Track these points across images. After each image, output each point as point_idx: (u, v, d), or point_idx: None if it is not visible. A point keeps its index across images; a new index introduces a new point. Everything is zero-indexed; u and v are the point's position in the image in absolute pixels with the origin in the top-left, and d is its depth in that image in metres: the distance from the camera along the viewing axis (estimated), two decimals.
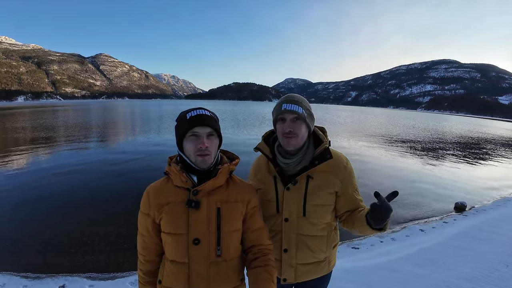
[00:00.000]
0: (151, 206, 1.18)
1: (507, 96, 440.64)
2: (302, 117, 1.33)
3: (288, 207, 1.38)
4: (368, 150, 14.73)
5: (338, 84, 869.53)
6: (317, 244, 1.41)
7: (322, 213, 1.38)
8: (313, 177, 1.36)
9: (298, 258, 1.41)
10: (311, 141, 1.42)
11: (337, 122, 37.51)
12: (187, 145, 1.16)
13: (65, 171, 8.71)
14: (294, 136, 1.32)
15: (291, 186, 1.37)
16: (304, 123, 1.34)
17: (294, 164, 1.36)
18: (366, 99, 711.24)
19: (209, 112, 1.21)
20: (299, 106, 1.33)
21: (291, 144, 1.32)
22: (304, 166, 1.36)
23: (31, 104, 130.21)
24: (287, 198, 1.37)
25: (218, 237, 1.14)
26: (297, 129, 1.32)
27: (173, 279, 1.14)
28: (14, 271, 3.74)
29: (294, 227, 1.39)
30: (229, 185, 1.24)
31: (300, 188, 1.36)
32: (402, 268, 3.50)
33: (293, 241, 1.40)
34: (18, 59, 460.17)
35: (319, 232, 1.40)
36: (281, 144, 1.37)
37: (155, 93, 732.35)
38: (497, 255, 3.88)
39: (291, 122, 1.32)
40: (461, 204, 6.58)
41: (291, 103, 1.33)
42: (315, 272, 1.46)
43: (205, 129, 1.14)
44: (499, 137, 29.12)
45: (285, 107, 1.33)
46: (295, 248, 1.40)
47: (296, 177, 1.37)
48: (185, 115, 1.17)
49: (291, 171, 1.38)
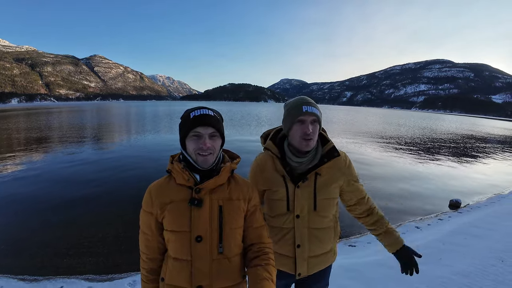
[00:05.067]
0: (154, 205, 1.18)
1: (500, 95, 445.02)
2: (319, 119, 1.39)
3: (299, 204, 1.43)
4: (363, 148, 14.84)
5: (333, 85, 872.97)
6: (326, 235, 1.50)
7: (330, 206, 1.47)
8: (321, 174, 1.43)
9: (310, 251, 1.47)
10: (319, 141, 1.48)
11: (333, 121, 37.64)
12: (189, 144, 1.17)
13: (61, 173, 8.66)
14: (312, 138, 1.36)
15: (301, 184, 1.42)
16: (319, 125, 1.42)
17: (307, 163, 1.41)
18: (361, 99, 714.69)
19: (213, 112, 1.21)
20: (317, 108, 1.39)
21: (309, 145, 1.37)
22: (315, 164, 1.43)
23: (25, 106, 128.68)
24: (298, 196, 1.42)
25: (220, 234, 1.15)
26: (315, 130, 1.37)
27: (176, 276, 1.15)
28: (12, 273, 3.71)
29: (305, 222, 1.45)
30: (230, 183, 1.25)
31: (309, 184, 1.42)
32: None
33: (305, 236, 1.45)
34: (12, 61, 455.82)
35: (328, 223, 1.49)
36: (298, 145, 1.39)
37: (150, 95, 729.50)
38: (492, 251, 3.92)
39: (311, 123, 1.36)
40: (456, 202, 6.66)
41: (310, 105, 1.37)
42: (323, 263, 1.54)
43: (207, 129, 1.15)
44: (492, 135, 29.47)
45: (306, 109, 1.35)
46: (308, 242, 1.46)
47: (305, 175, 1.42)
48: (188, 114, 1.18)
49: (301, 170, 1.43)
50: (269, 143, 1.50)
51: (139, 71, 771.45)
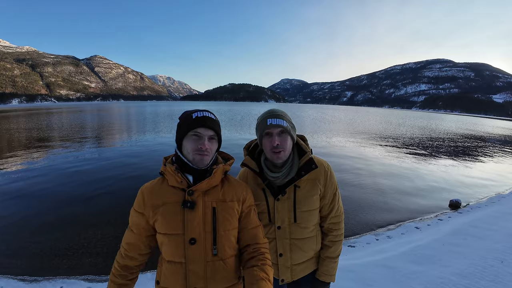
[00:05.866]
0: (146, 206, 1.18)
1: (500, 95, 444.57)
2: (287, 130, 1.38)
3: (280, 216, 1.46)
4: (362, 148, 14.81)
5: (333, 84, 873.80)
6: (308, 245, 1.51)
7: (310, 216, 1.48)
8: (300, 186, 1.45)
9: (292, 259, 1.50)
10: (295, 152, 1.48)
11: (333, 121, 37.65)
12: (187, 144, 1.17)
13: (61, 174, 8.66)
14: (282, 150, 1.37)
15: (280, 197, 1.44)
16: (289, 136, 1.41)
17: (282, 177, 1.42)
18: (362, 99, 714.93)
19: (214, 116, 1.23)
20: (283, 119, 1.39)
21: (280, 157, 1.38)
22: (291, 177, 1.43)
23: (25, 107, 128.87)
24: (278, 208, 1.45)
25: (214, 236, 1.15)
26: (284, 142, 1.38)
27: (171, 279, 1.15)
28: (12, 274, 3.72)
29: (287, 234, 1.48)
30: (224, 184, 1.25)
31: (289, 197, 1.44)
32: (398, 265, 3.54)
33: (287, 246, 1.49)
34: (12, 61, 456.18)
35: (309, 234, 1.50)
36: (270, 158, 1.41)
37: (150, 95, 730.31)
38: (492, 251, 3.93)
39: (278, 136, 1.37)
40: (455, 202, 6.65)
41: (275, 117, 1.38)
42: (307, 269, 1.56)
43: (208, 131, 1.17)
44: (493, 135, 29.42)
45: (270, 121, 1.37)
46: (289, 252, 1.49)
47: (284, 188, 1.44)
48: (190, 115, 1.19)
49: (280, 183, 1.44)
50: (247, 158, 1.51)
51: (139, 72, 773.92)
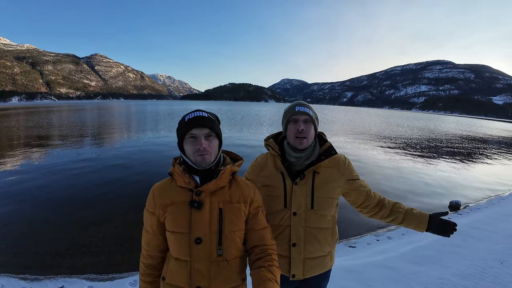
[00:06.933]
0: (156, 205, 1.22)
1: (501, 96, 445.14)
2: (312, 119, 1.48)
3: (296, 201, 1.46)
4: (363, 149, 14.85)
5: (333, 85, 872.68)
6: (323, 235, 1.50)
7: (328, 205, 1.49)
8: (319, 172, 1.48)
9: (306, 252, 1.48)
10: (317, 141, 1.55)
11: (333, 121, 37.67)
12: (186, 147, 1.20)
13: (61, 173, 8.67)
14: (305, 137, 1.45)
15: (298, 181, 1.46)
16: (313, 125, 1.50)
17: (304, 158, 1.47)
18: (362, 100, 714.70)
19: (207, 113, 1.24)
20: (310, 109, 1.50)
21: (303, 143, 1.45)
22: (312, 160, 1.48)
23: (25, 105, 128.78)
24: (295, 192, 1.46)
25: (220, 237, 1.16)
26: (308, 130, 1.46)
27: (176, 276, 1.18)
28: (13, 273, 3.73)
29: (302, 221, 1.47)
30: (231, 186, 1.26)
31: (307, 182, 1.47)
32: (399, 265, 3.55)
33: (301, 234, 1.47)
34: (12, 59, 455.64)
35: (325, 224, 1.50)
36: (293, 143, 1.48)
37: (150, 94, 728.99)
38: (492, 252, 3.94)
39: (303, 122, 1.46)
40: (455, 203, 6.67)
41: (303, 106, 1.50)
42: (320, 268, 1.53)
43: (202, 130, 1.18)
44: (493, 137, 29.49)
45: (298, 109, 1.48)
46: (303, 242, 1.47)
47: (303, 172, 1.48)
48: (184, 118, 1.22)
49: (299, 167, 1.49)
50: (270, 141, 1.58)
51: (139, 70, 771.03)
